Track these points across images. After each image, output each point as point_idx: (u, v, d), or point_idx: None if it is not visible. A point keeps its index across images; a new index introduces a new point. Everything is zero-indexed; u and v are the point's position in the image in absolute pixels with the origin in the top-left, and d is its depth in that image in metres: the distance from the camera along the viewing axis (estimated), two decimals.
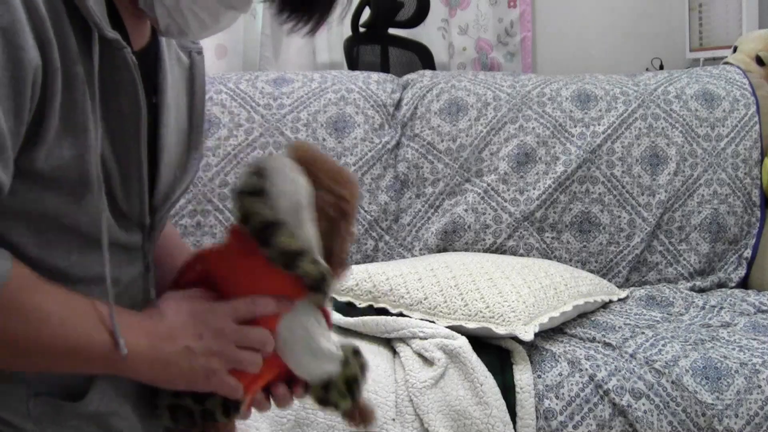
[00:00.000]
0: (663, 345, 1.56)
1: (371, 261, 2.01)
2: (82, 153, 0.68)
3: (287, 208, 0.75)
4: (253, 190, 0.75)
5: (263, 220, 0.73)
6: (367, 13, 2.61)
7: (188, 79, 0.90)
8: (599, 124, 2.10)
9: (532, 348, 1.54)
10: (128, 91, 0.73)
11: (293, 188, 0.75)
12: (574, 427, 1.43)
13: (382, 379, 1.43)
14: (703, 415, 1.44)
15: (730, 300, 1.89)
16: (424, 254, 2.00)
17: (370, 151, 2.06)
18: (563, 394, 1.46)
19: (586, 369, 1.48)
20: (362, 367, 0.84)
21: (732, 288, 2.05)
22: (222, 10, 0.76)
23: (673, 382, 1.46)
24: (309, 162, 0.78)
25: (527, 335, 1.47)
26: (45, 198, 0.67)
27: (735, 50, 2.34)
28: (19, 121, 0.63)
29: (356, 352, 0.85)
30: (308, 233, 0.76)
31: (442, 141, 2.09)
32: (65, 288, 0.69)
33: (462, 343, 1.46)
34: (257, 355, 0.76)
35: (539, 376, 1.47)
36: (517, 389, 1.44)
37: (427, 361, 1.46)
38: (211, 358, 0.73)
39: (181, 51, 0.90)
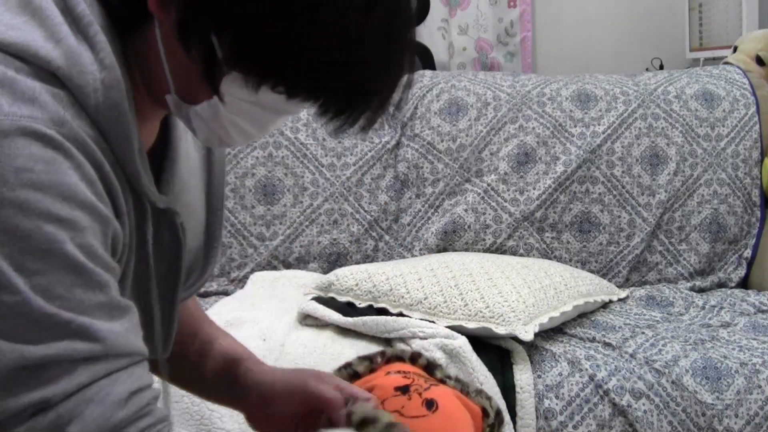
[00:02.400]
0: (663, 345, 1.56)
1: (371, 261, 2.01)
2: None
3: None
4: None
5: None
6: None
7: (205, 157, 0.86)
8: (599, 124, 2.10)
9: (532, 348, 1.54)
10: (172, 251, 0.75)
11: None
12: (574, 427, 1.43)
13: None
14: (703, 415, 1.44)
15: (730, 300, 1.89)
16: (424, 254, 2.00)
17: (370, 151, 2.06)
18: (563, 394, 1.46)
19: (586, 369, 1.48)
20: None
21: (732, 288, 2.05)
22: (272, 118, 0.70)
23: (673, 382, 1.46)
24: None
25: (527, 335, 1.47)
26: None
27: (735, 50, 2.34)
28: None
29: None
30: None
31: (442, 141, 2.09)
32: None
33: (462, 343, 1.46)
34: None
35: (539, 376, 1.47)
36: (517, 389, 1.44)
37: None
38: None
39: None
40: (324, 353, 1.48)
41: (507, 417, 0.88)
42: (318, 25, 0.61)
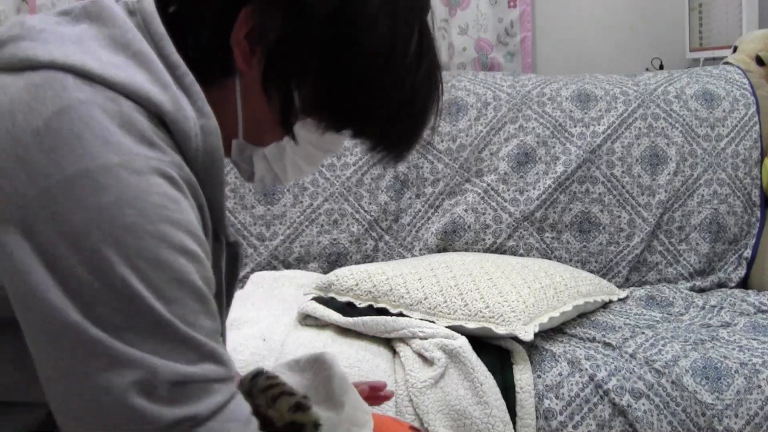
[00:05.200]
0: (663, 345, 1.56)
1: (371, 261, 2.01)
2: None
3: None
4: None
5: None
6: None
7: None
8: (599, 124, 2.10)
9: (532, 348, 1.54)
10: (230, 280, 0.80)
11: None
12: (574, 427, 1.43)
13: (382, 379, 1.42)
14: (703, 415, 1.44)
15: (730, 300, 1.89)
16: (424, 254, 2.00)
17: None
18: (563, 394, 1.46)
19: (586, 369, 1.48)
20: None
21: (732, 288, 2.05)
22: (321, 156, 0.80)
23: (673, 382, 1.46)
24: None
25: (527, 335, 1.47)
26: None
27: (735, 50, 2.34)
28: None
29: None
30: None
31: (442, 141, 2.09)
32: None
33: (462, 343, 1.46)
34: None
35: (539, 376, 1.47)
36: (517, 389, 1.44)
37: (427, 361, 1.46)
38: None
39: None
40: None
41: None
42: (383, 79, 0.72)
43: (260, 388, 0.85)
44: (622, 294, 1.94)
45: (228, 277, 0.79)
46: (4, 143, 0.60)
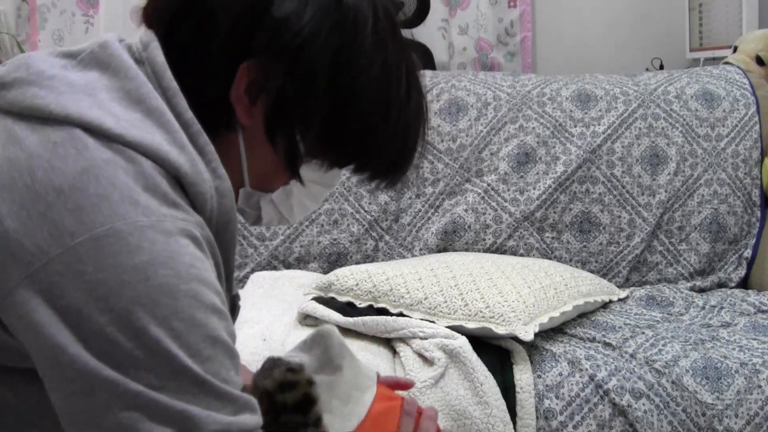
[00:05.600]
0: (663, 345, 1.56)
1: (371, 261, 2.01)
2: None
3: None
4: None
5: None
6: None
7: None
8: (599, 124, 2.10)
9: (532, 348, 1.54)
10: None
11: None
12: (574, 427, 1.43)
13: None
14: (703, 415, 1.44)
15: (730, 300, 1.89)
16: (424, 254, 2.00)
17: None
18: (563, 394, 1.46)
19: (586, 369, 1.48)
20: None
21: (732, 288, 2.05)
22: (327, 191, 0.84)
23: (673, 382, 1.46)
24: None
25: (527, 335, 1.47)
26: None
27: (735, 50, 2.34)
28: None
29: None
30: None
31: (442, 141, 2.09)
32: None
33: (462, 343, 1.46)
34: None
35: (539, 376, 1.47)
36: (517, 389, 1.44)
37: (427, 361, 1.46)
38: None
39: None
40: None
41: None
42: (380, 118, 0.76)
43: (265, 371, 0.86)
44: (622, 294, 1.94)
45: None
46: (24, 199, 0.60)
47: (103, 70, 0.67)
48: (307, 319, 1.60)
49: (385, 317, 1.53)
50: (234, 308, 0.81)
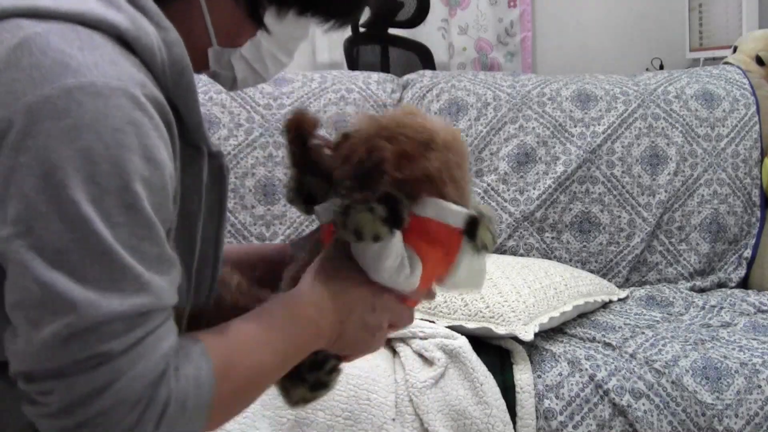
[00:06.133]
0: (663, 345, 1.56)
1: None
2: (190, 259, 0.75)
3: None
4: None
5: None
6: (367, 13, 2.61)
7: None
8: (599, 124, 2.10)
9: (532, 348, 1.54)
10: (217, 193, 0.78)
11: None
12: (574, 427, 1.43)
13: (382, 379, 1.43)
14: (703, 415, 1.44)
15: (730, 300, 1.89)
16: None
17: None
18: (563, 394, 1.46)
19: (586, 369, 1.48)
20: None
21: (732, 288, 2.05)
22: (296, 44, 0.84)
23: (673, 382, 1.46)
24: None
25: (527, 335, 1.47)
26: None
27: (735, 50, 2.34)
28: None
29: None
30: None
31: None
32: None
33: (462, 343, 1.46)
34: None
35: (539, 376, 1.47)
36: (517, 389, 1.44)
37: (427, 361, 1.46)
38: (378, 331, 0.83)
39: None
40: None
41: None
42: None
43: None
44: (622, 294, 1.94)
45: (215, 188, 0.79)
46: None
47: None
48: None
49: None
50: (221, 167, 0.78)
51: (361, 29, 2.64)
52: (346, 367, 0.85)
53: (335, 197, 0.81)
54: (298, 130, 0.85)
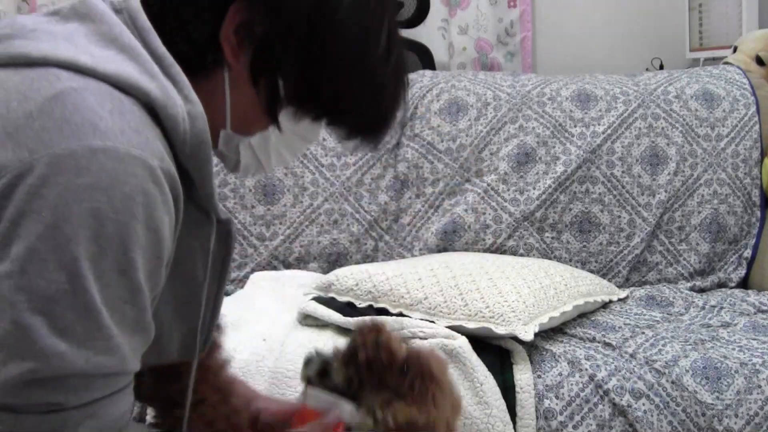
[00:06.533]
0: (663, 345, 1.56)
1: (371, 261, 2.01)
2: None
3: None
4: None
5: None
6: None
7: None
8: (599, 124, 2.10)
9: (532, 348, 1.54)
10: (221, 258, 0.81)
11: None
12: (574, 427, 1.43)
13: None
14: (703, 415, 1.44)
15: (730, 300, 1.89)
16: (424, 254, 2.00)
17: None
18: (563, 394, 1.46)
19: (586, 369, 1.48)
20: None
21: (732, 288, 2.05)
22: (304, 145, 0.87)
23: (673, 382, 1.46)
24: None
25: (527, 335, 1.47)
26: None
27: (735, 50, 2.34)
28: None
29: None
30: None
31: (442, 141, 2.09)
32: None
33: (462, 343, 1.46)
34: None
35: (539, 376, 1.47)
36: (517, 389, 1.44)
37: None
38: None
39: None
40: None
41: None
42: (355, 71, 0.79)
43: None
44: (622, 294, 1.94)
45: (221, 252, 0.81)
46: None
47: (82, 20, 0.72)
48: (306, 319, 1.60)
49: (385, 317, 1.53)
50: (228, 233, 0.81)
51: None
52: None
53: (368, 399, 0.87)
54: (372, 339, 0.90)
